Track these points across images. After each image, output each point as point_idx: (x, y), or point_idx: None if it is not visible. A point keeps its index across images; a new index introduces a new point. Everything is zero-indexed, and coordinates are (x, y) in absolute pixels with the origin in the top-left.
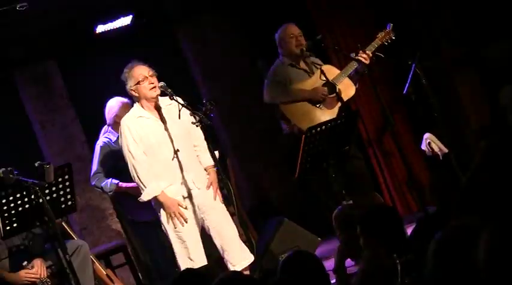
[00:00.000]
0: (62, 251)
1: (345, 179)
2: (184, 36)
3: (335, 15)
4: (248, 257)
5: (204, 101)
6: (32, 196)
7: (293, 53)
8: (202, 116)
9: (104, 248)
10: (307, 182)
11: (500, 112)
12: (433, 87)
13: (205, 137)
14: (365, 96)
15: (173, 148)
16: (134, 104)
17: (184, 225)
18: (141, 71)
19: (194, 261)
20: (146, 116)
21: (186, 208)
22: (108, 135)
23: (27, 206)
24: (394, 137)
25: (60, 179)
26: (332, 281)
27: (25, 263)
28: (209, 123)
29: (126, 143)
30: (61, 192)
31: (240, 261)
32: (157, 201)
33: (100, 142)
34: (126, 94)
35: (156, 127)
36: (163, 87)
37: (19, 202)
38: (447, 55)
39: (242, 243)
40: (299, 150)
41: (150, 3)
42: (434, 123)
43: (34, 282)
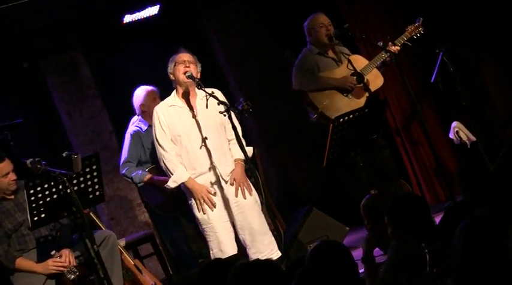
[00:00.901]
0: (90, 242)
1: (372, 168)
2: (210, 25)
3: (362, 5)
4: (274, 251)
5: (241, 100)
6: (60, 186)
7: (322, 42)
8: (230, 105)
9: (132, 238)
10: (335, 171)
11: None
12: (461, 76)
13: (235, 132)
14: (393, 85)
15: (201, 137)
16: (172, 92)
17: (213, 210)
18: (182, 56)
19: (224, 251)
20: (179, 105)
21: (215, 194)
22: (138, 124)
23: (55, 196)
24: (422, 125)
25: (88, 169)
26: (360, 271)
27: (53, 253)
28: (237, 112)
29: (155, 131)
30: (89, 182)
31: (266, 255)
32: (186, 188)
33: (130, 131)
34: (152, 83)
35: (186, 116)
36: (190, 77)
37: (47, 193)
38: (475, 44)
39: (271, 237)
40: (327, 139)
41: None
42: (462, 112)
43: (62, 271)
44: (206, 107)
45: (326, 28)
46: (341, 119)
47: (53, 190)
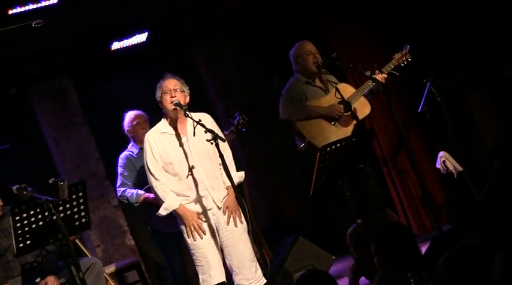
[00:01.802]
0: (76, 269)
1: (359, 197)
2: (199, 53)
3: (349, 34)
4: (260, 278)
5: (236, 115)
6: (46, 213)
7: (310, 70)
8: (217, 134)
9: (118, 266)
10: (321, 200)
11: None
12: (448, 105)
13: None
14: (380, 114)
15: (188, 165)
16: (162, 118)
17: (203, 237)
18: (167, 84)
19: (212, 277)
20: (170, 132)
21: (206, 221)
22: (130, 148)
23: (40, 223)
24: (409, 155)
25: (74, 196)
26: None
27: (38, 280)
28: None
29: (146, 159)
30: (75, 209)
31: (252, 282)
32: (177, 215)
33: (123, 155)
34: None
35: (178, 143)
36: (177, 105)
37: (33, 219)
38: (462, 74)
39: (257, 265)
40: (314, 168)
41: (166, 20)
42: (449, 141)
43: None
44: (194, 135)
45: (313, 56)
46: (328, 148)
47: (39, 217)
